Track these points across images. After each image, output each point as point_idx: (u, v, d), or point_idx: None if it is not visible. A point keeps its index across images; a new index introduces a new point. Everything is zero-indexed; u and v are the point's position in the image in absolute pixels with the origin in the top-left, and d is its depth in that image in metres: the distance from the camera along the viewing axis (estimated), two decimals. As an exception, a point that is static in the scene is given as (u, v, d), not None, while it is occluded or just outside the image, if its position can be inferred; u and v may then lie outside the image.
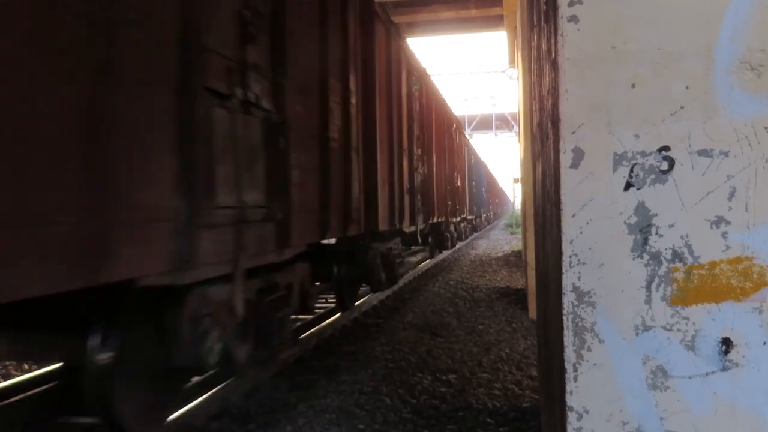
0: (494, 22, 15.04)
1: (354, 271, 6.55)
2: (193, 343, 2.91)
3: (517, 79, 11.59)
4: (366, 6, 6.02)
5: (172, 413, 3.67)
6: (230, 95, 2.94)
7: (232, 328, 3.24)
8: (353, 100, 5.25)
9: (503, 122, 47.00)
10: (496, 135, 48.81)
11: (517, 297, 8.77)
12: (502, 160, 58.05)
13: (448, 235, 15.73)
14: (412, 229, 8.98)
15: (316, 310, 7.47)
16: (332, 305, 8.50)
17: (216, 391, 4.18)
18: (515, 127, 31.55)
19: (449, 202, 13.61)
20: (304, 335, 5.98)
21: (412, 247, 12.04)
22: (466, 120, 44.23)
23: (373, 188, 6.08)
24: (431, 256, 14.58)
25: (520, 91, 8.79)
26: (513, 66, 14.86)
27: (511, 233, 29.79)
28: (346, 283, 6.59)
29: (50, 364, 4.62)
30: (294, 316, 5.31)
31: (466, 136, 21.54)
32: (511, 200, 73.56)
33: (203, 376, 4.47)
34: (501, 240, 24.87)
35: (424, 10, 14.33)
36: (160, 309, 2.80)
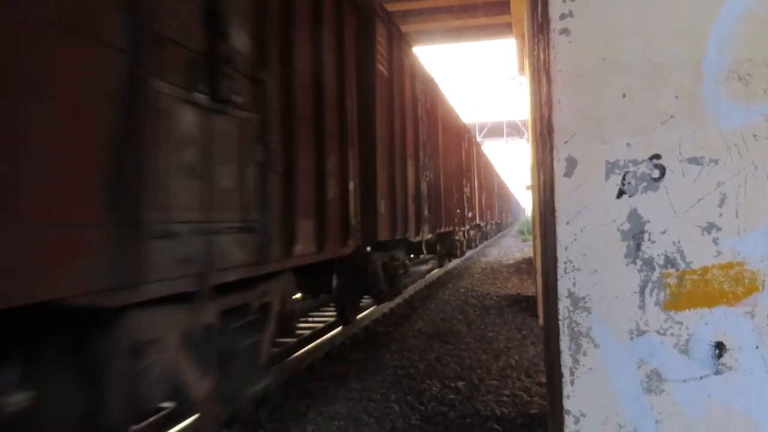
0: (503, 29, 15.08)
1: (354, 282, 6.26)
2: (128, 379, 2.33)
3: (527, 86, 11.64)
4: (363, 6, 5.82)
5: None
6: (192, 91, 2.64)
7: (185, 360, 2.75)
8: (348, 103, 5.07)
9: (514, 129, 46.99)
10: (507, 142, 48.81)
11: (528, 304, 8.77)
12: (514, 167, 57.95)
13: (458, 244, 15.21)
14: (418, 238, 8.67)
15: (324, 319, 7.49)
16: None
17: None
18: (525, 134, 31.53)
19: (458, 210, 13.35)
20: (310, 346, 6.01)
21: (421, 256, 11.79)
22: (476, 127, 44.26)
23: (372, 196, 5.83)
24: (440, 265, 14.23)
25: (528, 98, 8.82)
26: (522, 73, 14.90)
27: (523, 240, 29.74)
28: (347, 296, 6.38)
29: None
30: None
31: (477, 142, 21.28)
32: (523, 207, 73.40)
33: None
34: (512, 247, 24.83)
35: (434, 18, 14.39)
36: (86, 338, 2.24)
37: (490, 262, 17.45)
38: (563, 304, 1.69)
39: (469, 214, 15.75)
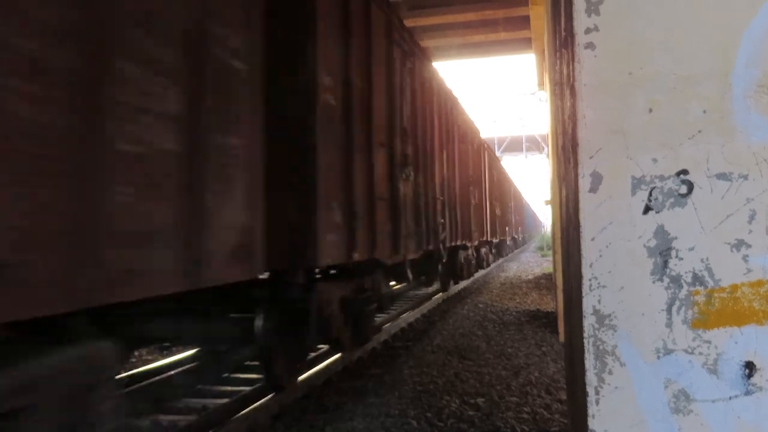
0: (523, 44, 15.09)
1: (292, 325, 4.40)
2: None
3: (546, 101, 11.60)
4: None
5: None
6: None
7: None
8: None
9: (533, 144, 46.84)
10: (526, 157, 48.64)
11: (548, 320, 8.68)
12: (533, 181, 57.66)
13: (464, 263, 12.66)
14: (397, 259, 6.49)
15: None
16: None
17: (244, 414, 4.21)
18: (545, 149, 31.41)
19: (459, 222, 10.98)
20: (328, 360, 5.98)
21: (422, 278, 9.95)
22: (495, 141, 44.22)
23: (306, 196, 4.07)
24: (444, 290, 11.86)
25: (549, 113, 8.79)
26: (542, 88, 14.86)
27: (542, 255, 29.52)
28: (280, 347, 4.29)
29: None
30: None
31: (489, 147, 18.68)
32: (542, 222, 72.92)
33: (231, 399, 4.52)
34: (532, 262, 24.66)
35: (454, 33, 14.45)
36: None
37: (509, 277, 17.34)
38: (588, 322, 1.66)
39: (476, 228, 13.34)
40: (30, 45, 1.99)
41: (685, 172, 1.60)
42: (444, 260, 10.01)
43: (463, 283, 13.88)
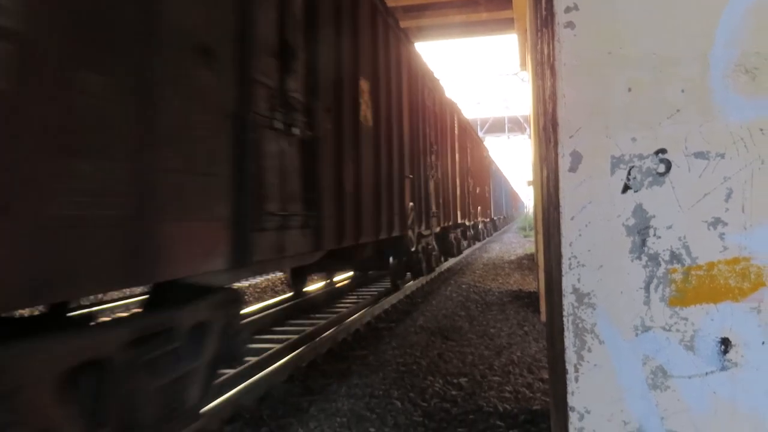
0: (505, 25, 15.05)
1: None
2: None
3: (529, 81, 11.61)
4: None
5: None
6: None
7: None
8: None
9: (516, 125, 46.93)
10: (508, 137, 48.75)
11: (530, 300, 8.76)
12: (516, 162, 57.84)
13: (421, 255, 9.94)
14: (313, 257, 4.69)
15: (326, 316, 7.41)
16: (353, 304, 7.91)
17: (228, 397, 4.22)
18: (527, 130, 31.47)
19: (410, 205, 8.35)
20: (312, 342, 6.00)
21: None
22: (478, 123, 44.21)
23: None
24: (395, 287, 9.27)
25: (531, 94, 8.79)
26: (524, 69, 14.86)
27: (525, 236, 29.71)
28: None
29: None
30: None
31: (466, 121, 16.04)
32: (524, 203, 73.29)
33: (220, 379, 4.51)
34: (514, 243, 24.80)
35: (434, 14, 14.37)
36: None
37: (491, 258, 17.44)
38: (568, 300, 1.67)
39: (442, 211, 11.09)
40: None
41: (663, 151, 1.62)
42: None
43: (449, 261, 13.78)
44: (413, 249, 9.14)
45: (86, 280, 2.07)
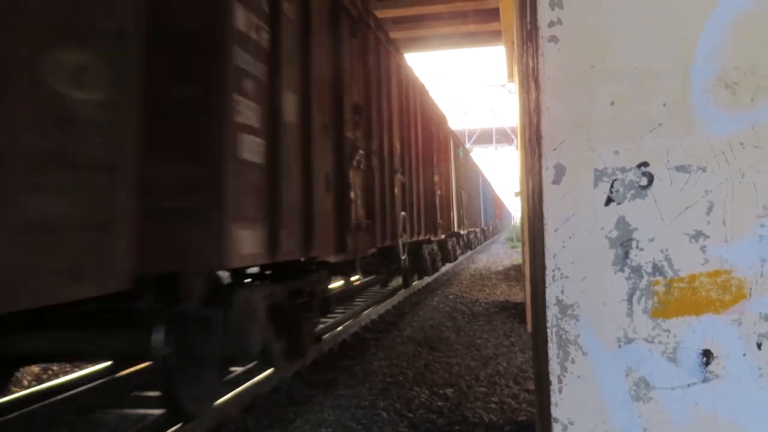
0: (493, 37, 15.14)
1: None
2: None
3: (516, 93, 11.68)
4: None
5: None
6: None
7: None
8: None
9: (503, 136, 47.16)
10: (496, 148, 48.96)
11: (516, 311, 8.78)
12: (503, 173, 58.06)
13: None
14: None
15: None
16: (341, 313, 8.03)
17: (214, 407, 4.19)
18: (515, 141, 31.61)
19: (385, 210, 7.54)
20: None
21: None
22: (466, 134, 44.39)
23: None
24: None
25: (518, 105, 8.85)
26: (511, 80, 14.95)
27: (512, 247, 29.80)
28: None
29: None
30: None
31: (456, 137, 17.04)
32: (511, 214, 73.50)
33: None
34: (501, 254, 24.87)
35: (424, 25, 14.43)
36: None
37: (479, 268, 17.47)
38: (551, 312, 1.68)
39: (426, 221, 11.00)
40: None
41: (645, 164, 1.63)
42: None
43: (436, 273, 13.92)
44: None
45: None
